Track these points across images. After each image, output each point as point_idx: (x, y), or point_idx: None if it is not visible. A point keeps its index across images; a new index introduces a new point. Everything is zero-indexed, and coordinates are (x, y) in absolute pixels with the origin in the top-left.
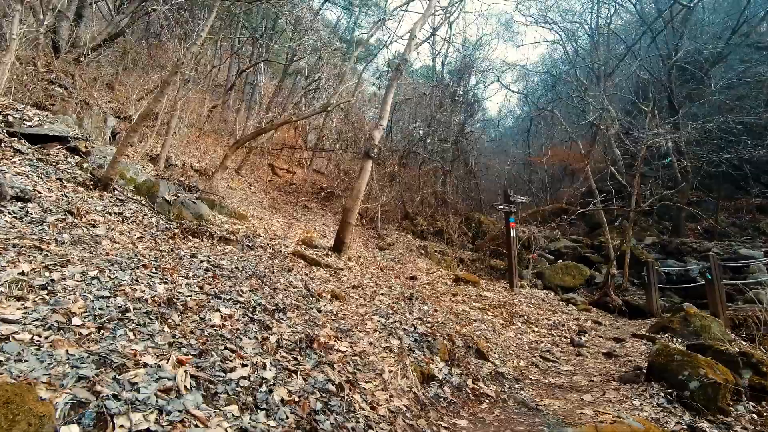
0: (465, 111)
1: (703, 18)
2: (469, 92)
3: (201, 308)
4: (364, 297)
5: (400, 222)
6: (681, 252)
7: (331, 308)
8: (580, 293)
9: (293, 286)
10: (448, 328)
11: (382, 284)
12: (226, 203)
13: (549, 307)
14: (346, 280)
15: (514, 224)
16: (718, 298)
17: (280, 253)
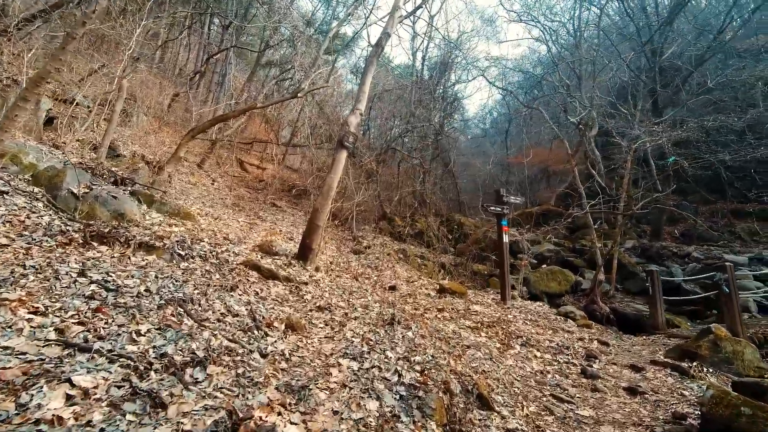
0: (444, 109)
1: (685, 24)
2: (449, 90)
3: (33, 380)
4: (332, 324)
5: (377, 223)
6: (661, 256)
7: (283, 347)
8: (567, 300)
9: (233, 313)
10: (441, 369)
11: (357, 302)
12: (170, 200)
13: (547, 324)
14: (310, 299)
15: (507, 228)
16: (736, 313)
17: (226, 263)
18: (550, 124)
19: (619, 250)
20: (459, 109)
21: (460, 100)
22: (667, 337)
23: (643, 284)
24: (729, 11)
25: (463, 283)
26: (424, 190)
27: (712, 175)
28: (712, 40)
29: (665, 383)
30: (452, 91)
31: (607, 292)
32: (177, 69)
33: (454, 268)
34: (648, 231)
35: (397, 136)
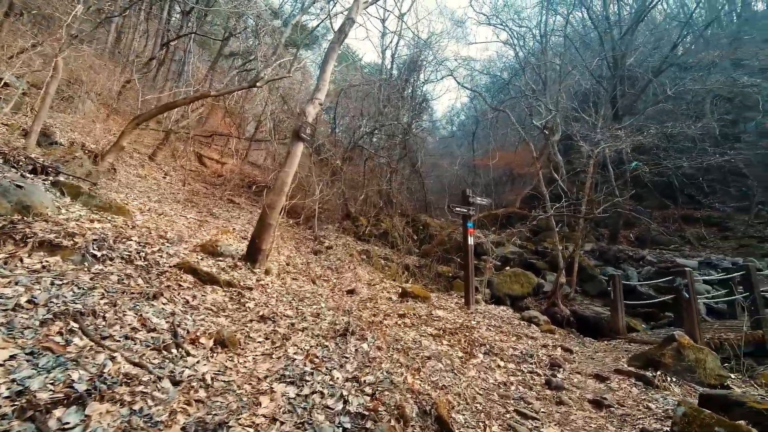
0: (413, 109)
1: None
2: (418, 90)
3: None
4: (274, 338)
5: (341, 222)
6: (618, 259)
7: (206, 370)
8: (530, 302)
9: (148, 328)
10: (396, 388)
11: (307, 310)
12: (102, 192)
13: (511, 330)
14: (253, 308)
15: (473, 230)
16: (695, 319)
17: (155, 266)
18: (516, 127)
19: (579, 253)
20: (428, 110)
21: (429, 101)
22: (627, 341)
23: (601, 286)
24: (683, 27)
25: (426, 286)
26: (391, 190)
27: (665, 182)
28: (668, 51)
29: (630, 394)
30: (421, 91)
31: (568, 294)
32: (133, 55)
33: (419, 270)
34: (606, 234)
35: (365, 134)
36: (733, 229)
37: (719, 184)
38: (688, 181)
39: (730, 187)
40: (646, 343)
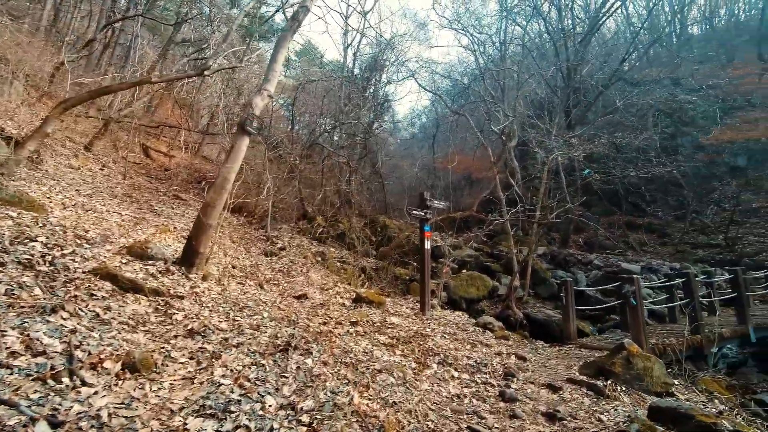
0: (375, 109)
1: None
2: (380, 90)
3: None
4: (200, 357)
5: (297, 222)
6: (568, 263)
7: (104, 403)
8: (485, 305)
9: (34, 350)
10: (340, 412)
11: (246, 321)
12: (13, 183)
13: (466, 337)
14: (182, 320)
15: (430, 234)
16: (641, 325)
17: (64, 272)
18: (474, 132)
19: (533, 257)
20: (389, 111)
21: (391, 102)
22: (578, 347)
23: (552, 289)
24: (629, 45)
25: (383, 289)
26: (350, 190)
27: (612, 190)
28: (617, 66)
29: (582, 405)
30: (383, 92)
31: (521, 297)
32: (72, 36)
33: (375, 273)
34: (557, 239)
35: (324, 131)
36: (671, 235)
37: (660, 193)
38: (632, 189)
39: (669, 197)
40: (595, 348)
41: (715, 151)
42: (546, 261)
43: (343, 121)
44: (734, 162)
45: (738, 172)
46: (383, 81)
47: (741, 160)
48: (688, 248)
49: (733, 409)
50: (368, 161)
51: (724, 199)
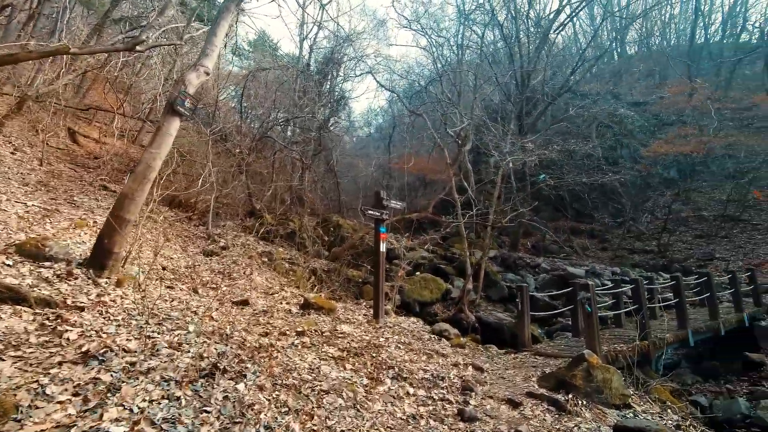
0: (331, 106)
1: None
2: (337, 86)
3: None
4: (91, 392)
5: (244, 219)
6: (518, 266)
7: None
8: (438, 308)
9: None
10: None
11: (164, 339)
12: None
13: (421, 347)
14: (75, 339)
15: (386, 236)
16: (596, 333)
17: None
18: (431, 133)
19: (485, 260)
20: (346, 108)
21: (348, 99)
22: (533, 354)
23: (503, 292)
24: (577, 60)
25: (335, 292)
26: (302, 187)
27: (558, 196)
28: (565, 78)
29: (545, 424)
30: (340, 88)
31: (474, 300)
32: None
33: (327, 275)
34: (507, 242)
35: (275, 124)
36: (611, 241)
37: (601, 201)
38: (581, 195)
39: (609, 205)
40: (551, 356)
41: (650, 164)
42: (497, 264)
43: (297, 115)
44: (667, 174)
45: (670, 183)
46: (340, 77)
47: (673, 173)
48: (625, 253)
49: (686, 419)
50: (323, 158)
51: (657, 208)
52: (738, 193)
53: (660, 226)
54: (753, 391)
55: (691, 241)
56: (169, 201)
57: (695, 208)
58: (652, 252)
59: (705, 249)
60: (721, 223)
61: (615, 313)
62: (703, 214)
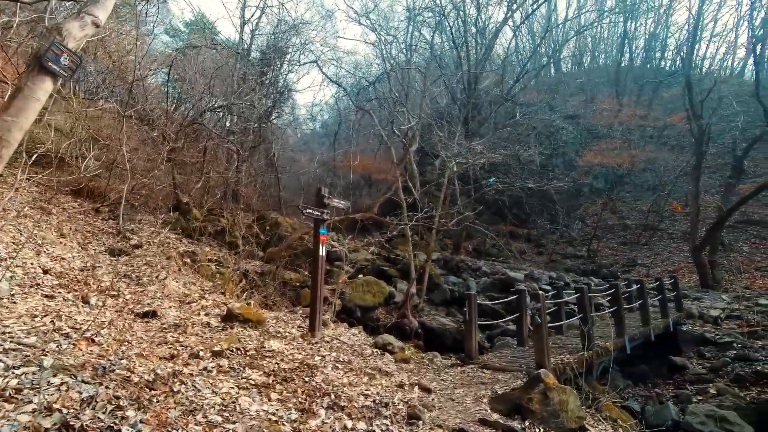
0: (273, 97)
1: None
2: (281, 77)
3: None
4: None
5: (168, 214)
6: (460, 269)
7: None
8: (381, 313)
9: None
10: None
11: None
12: None
13: (363, 365)
14: None
15: (326, 238)
16: (545, 345)
17: None
18: (377, 131)
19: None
20: (289, 101)
21: (292, 91)
22: (480, 367)
23: (445, 295)
24: (522, 69)
25: (268, 298)
26: (238, 181)
27: (497, 201)
28: (509, 88)
29: None
30: (284, 80)
31: (417, 305)
32: None
33: (260, 278)
34: (450, 245)
35: (208, 110)
36: (546, 246)
37: (537, 207)
38: (517, 201)
39: (545, 211)
40: (499, 370)
41: (582, 173)
42: (439, 266)
43: (233, 102)
44: (596, 184)
45: (598, 193)
46: (284, 67)
47: (601, 183)
48: (559, 258)
49: None
50: (263, 152)
51: (587, 216)
52: (657, 204)
53: (590, 233)
54: (678, 394)
55: (617, 247)
56: (73, 190)
57: (620, 217)
58: (583, 257)
59: (629, 255)
60: (643, 232)
61: (561, 323)
62: (627, 223)
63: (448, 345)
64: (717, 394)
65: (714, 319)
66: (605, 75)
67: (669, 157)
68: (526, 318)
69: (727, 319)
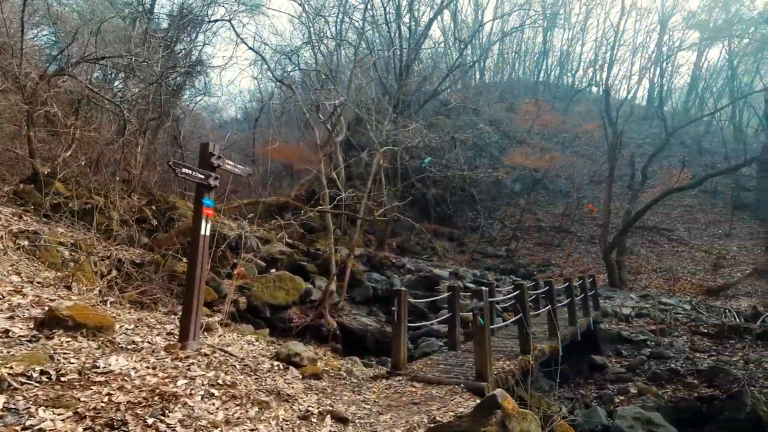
0: (185, 72)
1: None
2: (194, 51)
3: None
4: None
5: (19, 186)
6: (383, 266)
7: None
8: (295, 312)
9: None
10: None
11: None
12: None
13: (253, 387)
14: None
15: (212, 211)
16: (488, 353)
17: None
18: (301, 114)
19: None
20: (203, 77)
21: (206, 67)
22: (410, 379)
23: (367, 292)
24: (450, 68)
25: (145, 294)
26: (126, 154)
27: (422, 198)
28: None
29: None
30: (198, 53)
31: (337, 303)
32: None
33: (138, 269)
34: (373, 241)
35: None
36: (467, 245)
37: (460, 207)
38: (441, 200)
39: (467, 211)
40: (433, 383)
41: (506, 170)
42: (362, 263)
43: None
44: (513, 187)
45: (517, 196)
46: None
47: (518, 187)
48: (480, 257)
49: None
50: (169, 132)
51: (506, 217)
52: (570, 208)
53: (508, 233)
54: (601, 395)
55: (533, 248)
56: None
57: (536, 219)
58: (502, 257)
59: (543, 256)
60: (556, 234)
61: (496, 326)
62: (542, 225)
63: (370, 347)
64: (638, 394)
65: (626, 317)
66: (524, 86)
67: (582, 164)
68: (459, 318)
69: (637, 317)
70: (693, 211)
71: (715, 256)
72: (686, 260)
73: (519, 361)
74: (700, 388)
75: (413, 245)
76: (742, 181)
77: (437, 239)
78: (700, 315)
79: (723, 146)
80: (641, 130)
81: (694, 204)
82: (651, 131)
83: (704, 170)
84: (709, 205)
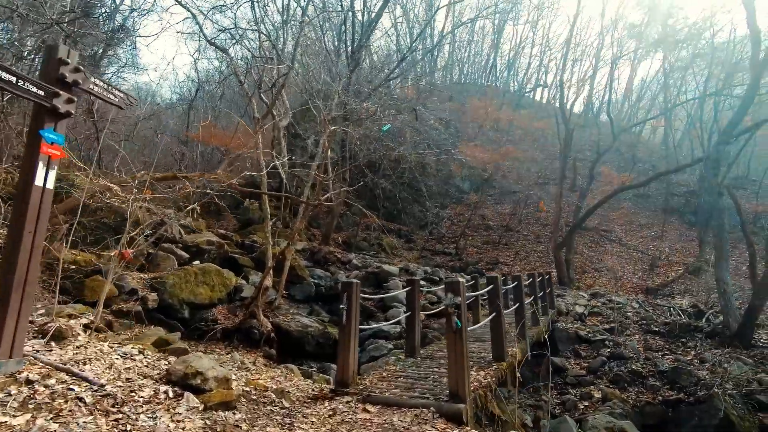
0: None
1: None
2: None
3: None
4: None
5: None
6: (327, 261)
7: None
8: (220, 312)
9: None
10: None
11: None
12: None
13: None
14: None
15: (59, 152)
16: (465, 362)
17: None
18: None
19: (292, 251)
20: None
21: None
22: (362, 401)
23: (309, 290)
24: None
25: None
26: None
27: (370, 194)
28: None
29: None
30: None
31: (273, 301)
32: None
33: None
34: (318, 235)
35: None
36: (416, 242)
37: (408, 203)
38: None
39: (416, 207)
40: (393, 405)
41: (450, 175)
42: (305, 258)
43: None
44: (462, 185)
45: (465, 194)
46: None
47: (467, 185)
48: (428, 254)
49: None
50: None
51: (454, 215)
52: (517, 207)
53: (457, 231)
54: (564, 401)
55: (481, 246)
56: None
57: (484, 218)
58: (451, 254)
59: (491, 254)
60: (504, 233)
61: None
62: (489, 224)
63: (310, 352)
64: (603, 400)
65: (579, 316)
66: (474, 89)
67: (530, 165)
68: (419, 318)
69: (590, 315)
70: (629, 214)
71: (650, 256)
72: (625, 260)
73: (495, 371)
74: (663, 391)
75: (360, 241)
76: (671, 188)
77: (385, 235)
78: (648, 313)
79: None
80: (582, 137)
81: (630, 207)
82: (589, 139)
83: (637, 178)
84: (643, 209)
